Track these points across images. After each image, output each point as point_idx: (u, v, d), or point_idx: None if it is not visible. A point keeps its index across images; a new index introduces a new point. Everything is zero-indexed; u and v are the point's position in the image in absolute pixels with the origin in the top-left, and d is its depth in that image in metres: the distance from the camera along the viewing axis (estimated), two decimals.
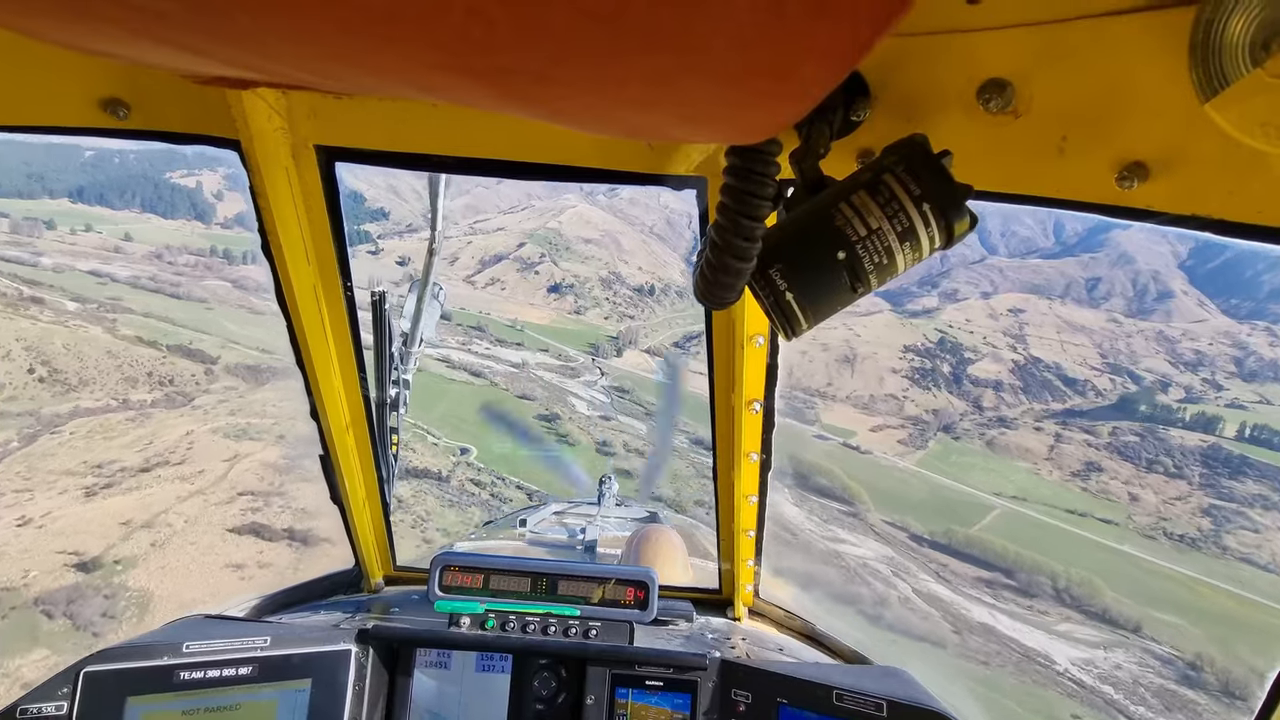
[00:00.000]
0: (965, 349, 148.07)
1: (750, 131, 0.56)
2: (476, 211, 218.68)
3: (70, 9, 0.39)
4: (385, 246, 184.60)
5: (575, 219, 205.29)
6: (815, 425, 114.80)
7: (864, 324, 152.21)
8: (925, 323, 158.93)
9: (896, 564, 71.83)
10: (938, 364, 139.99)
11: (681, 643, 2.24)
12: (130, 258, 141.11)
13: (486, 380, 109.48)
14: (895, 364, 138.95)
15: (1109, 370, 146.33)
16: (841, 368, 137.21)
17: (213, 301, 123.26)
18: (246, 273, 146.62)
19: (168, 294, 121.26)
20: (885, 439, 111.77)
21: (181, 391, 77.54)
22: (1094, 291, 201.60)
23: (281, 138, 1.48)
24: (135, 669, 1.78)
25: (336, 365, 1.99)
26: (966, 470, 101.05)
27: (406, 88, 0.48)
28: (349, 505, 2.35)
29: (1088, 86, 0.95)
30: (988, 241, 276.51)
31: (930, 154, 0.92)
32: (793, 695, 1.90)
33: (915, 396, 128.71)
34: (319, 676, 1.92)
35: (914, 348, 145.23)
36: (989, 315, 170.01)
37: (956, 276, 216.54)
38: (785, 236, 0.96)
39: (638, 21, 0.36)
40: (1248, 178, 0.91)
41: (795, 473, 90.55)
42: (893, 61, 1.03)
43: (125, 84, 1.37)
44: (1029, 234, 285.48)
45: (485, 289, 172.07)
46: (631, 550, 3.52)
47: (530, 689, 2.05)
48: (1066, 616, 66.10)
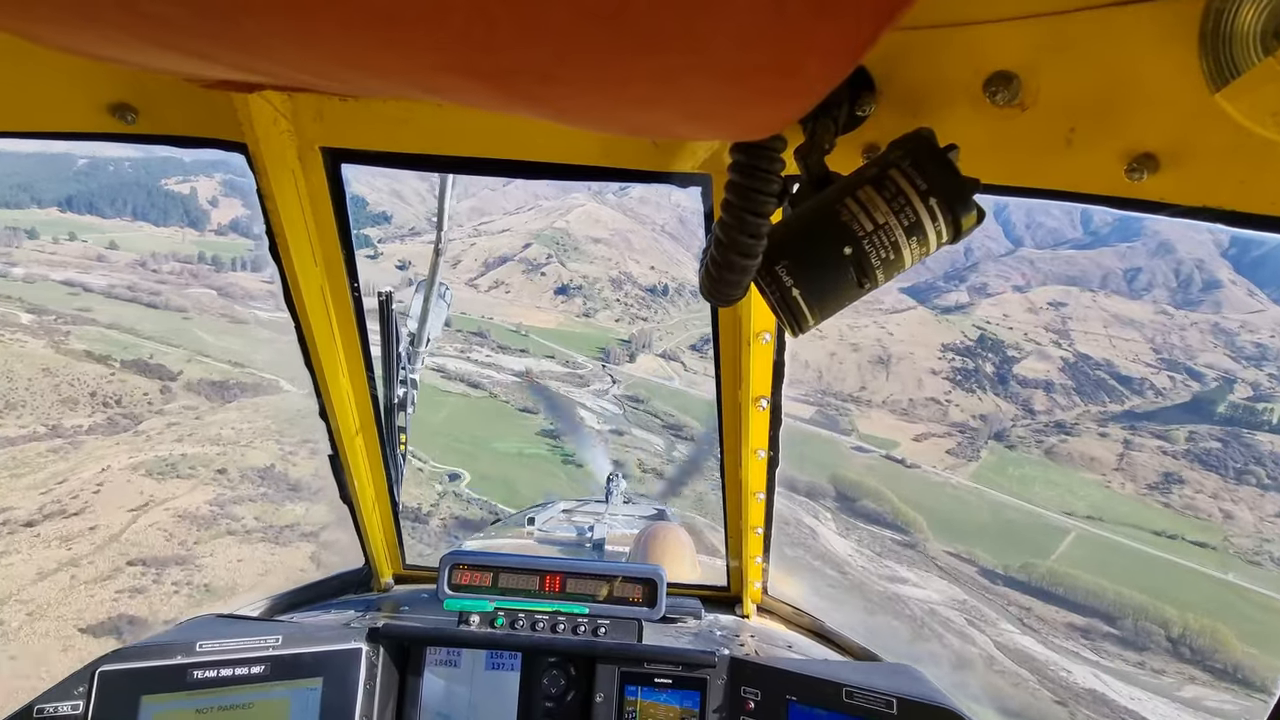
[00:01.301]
0: (1007, 346, 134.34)
1: (754, 128, 0.54)
2: (482, 214, 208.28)
3: (77, 15, 0.39)
4: (385, 250, 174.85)
5: (584, 218, 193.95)
6: (852, 435, 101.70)
7: (896, 321, 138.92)
8: (961, 319, 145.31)
9: (970, 610, 58.85)
10: (980, 363, 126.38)
11: (690, 640, 2.21)
12: (112, 266, 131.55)
13: (485, 391, 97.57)
14: (934, 364, 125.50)
15: (1165, 366, 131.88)
16: (875, 370, 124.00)
17: (192, 311, 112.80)
18: (234, 280, 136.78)
19: (143, 303, 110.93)
20: (932, 450, 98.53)
21: (128, 413, 66.31)
22: (1134, 283, 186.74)
23: (287, 140, 1.48)
24: (149, 668, 1.79)
25: (345, 366, 1.98)
26: (1028, 485, 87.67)
27: (411, 89, 0.48)
28: (358, 505, 2.31)
29: (1095, 78, 0.93)
30: (1012, 234, 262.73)
31: (936, 148, 0.91)
32: (802, 692, 1.88)
33: (959, 400, 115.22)
34: (330, 675, 1.92)
35: (953, 346, 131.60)
36: (1028, 309, 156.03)
37: (985, 270, 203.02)
38: (791, 233, 0.95)
39: (640, 20, 0.35)
40: (1260, 168, 0.89)
41: (838, 494, 77.68)
42: (898, 55, 1.01)
43: (132, 89, 1.37)
44: (1056, 225, 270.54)
45: (489, 292, 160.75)
46: (639, 548, 3.49)
47: (539, 687, 2.04)
48: (1190, 676, 52.88)
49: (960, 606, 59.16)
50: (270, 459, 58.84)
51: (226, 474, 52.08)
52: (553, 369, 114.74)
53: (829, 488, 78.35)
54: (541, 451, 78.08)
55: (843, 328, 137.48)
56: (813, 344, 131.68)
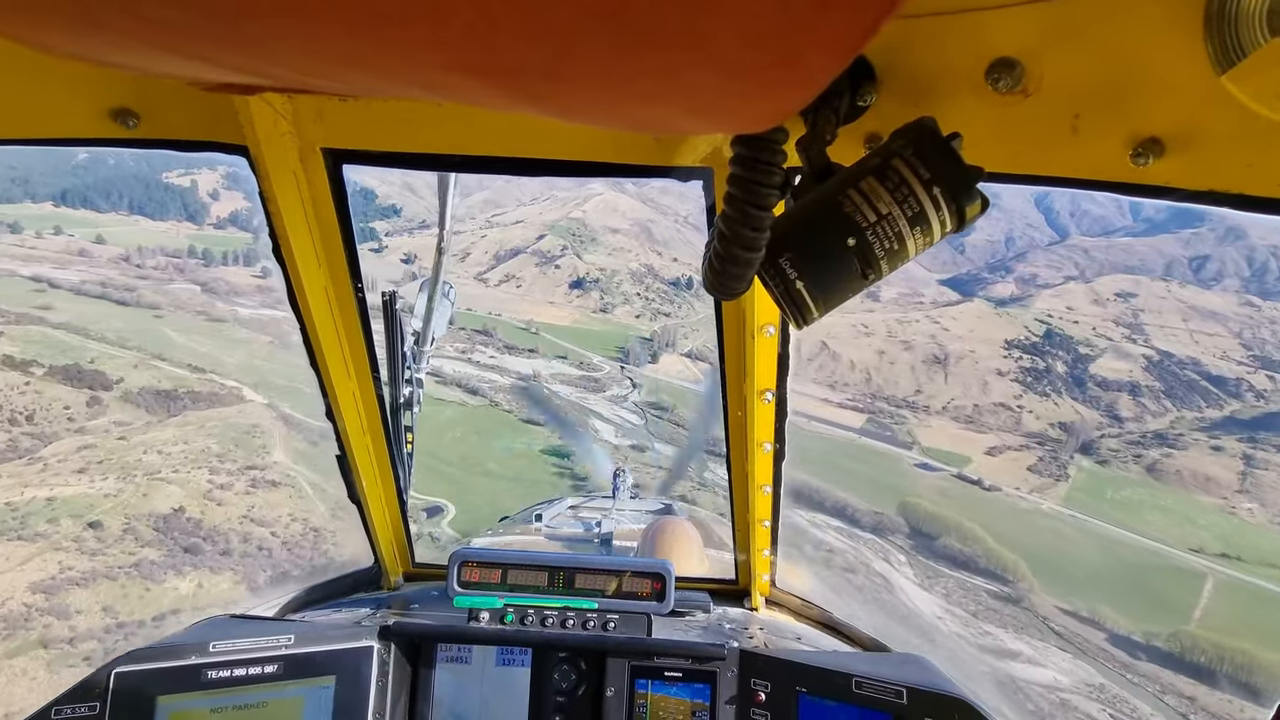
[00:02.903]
0: (1077, 343, 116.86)
1: (756, 120, 0.54)
2: (495, 206, 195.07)
3: (80, 22, 0.38)
4: (391, 244, 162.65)
5: (601, 207, 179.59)
6: (913, 449, 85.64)
7: (951, 316, 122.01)
8: (1021, 312, 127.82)
9: (1114, 700, 43.02)
10: (1051, 362, 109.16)
11: (699, 633, 2.22)
12: (93, 261, 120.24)
13: (485, 399, 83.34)
14: (999, 364, 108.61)
15: (1260, 365, 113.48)
16: (932, 371, 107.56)
17: (166, 308, 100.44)
18: (222, 275, 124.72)
19: (113, 300, 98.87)
20: (1009, 466, 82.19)
21: (38, 433, 53.20)
22: (1202, 272, 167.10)
23: (289, 142, 1.47)
24: (164, 669, 1.81)
25: (350, 366, 1.98)
26: (1134, 511, 71.11)
27: (412, 88, 0.48)
28: (367, 504, 2.30)
29: (1099, 62, 0.91)
30: (1056, 222, 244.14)
31: (939, 137, 0.89)
32: (812, 684, 1.89)
33: (1033, 405, 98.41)
34: (343, 673, 1.94)
35: (1017, 343, 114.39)
36: (1093, 301, 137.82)
37: (1034, 260, 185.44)
38: (794, 225, 0.93)
39: (642, 16, 0.35)
40: (1267, 150, 0.87)
41: (911, 529, 61.95)
42: (899, 44, 1.00)
43: (134, 94, 1.37)
44: (1103, 213, 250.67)
45: (498, 286, 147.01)
46: (647, 542, 3.47)
47: (550, 682, 2.07)
48: None
49: (1099, 694, 43.42)
50: (182, 499, 45.45)
51: (100, 531, 38.53)
52: (565, 371, 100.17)
53: (899, 521, 62.83)
54: (547, 476, 63.52)
55: (890, 323, 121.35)
56: (858, 341, 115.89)
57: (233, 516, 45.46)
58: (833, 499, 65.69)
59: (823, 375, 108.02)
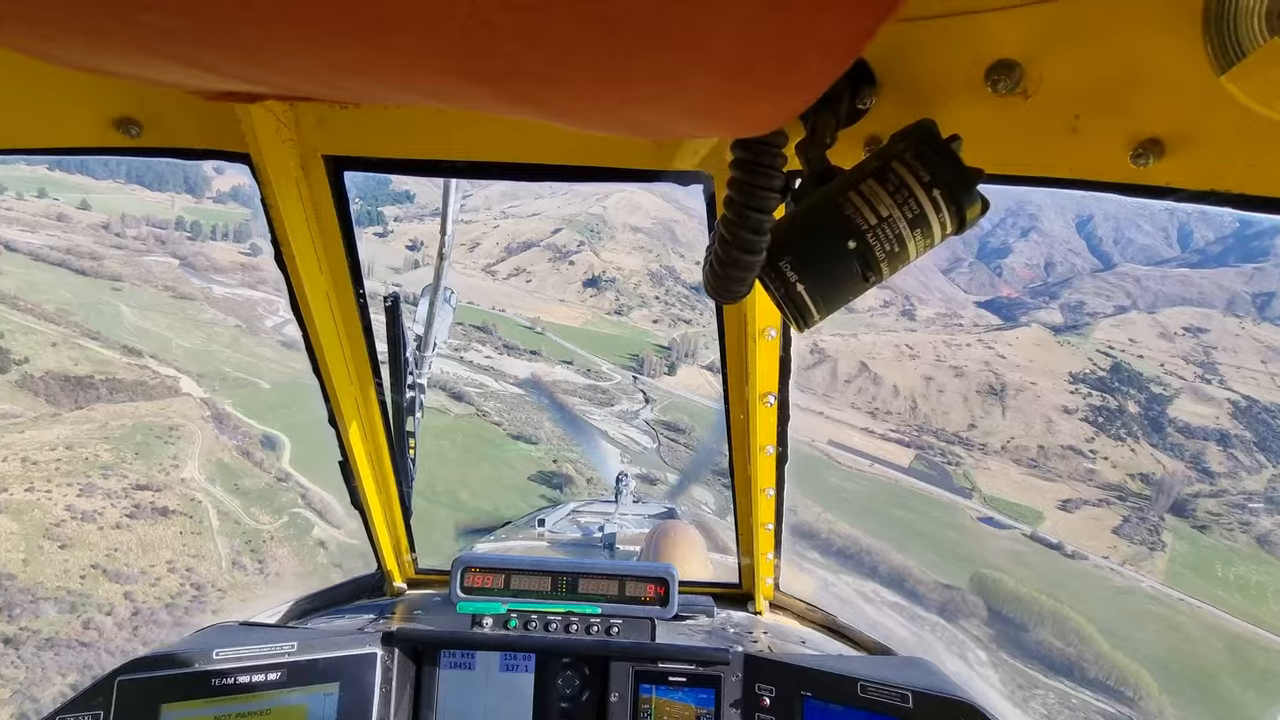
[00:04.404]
0: (1148, 380, 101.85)
1: (755, 124, 0.53)
2: (511, 197, 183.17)
3: (83, 32, 0.38)
4: (397, 230, 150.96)
5: (622, 204, 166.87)
6: (973, 496, 71.29)
7: (1008, 341, 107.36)
8: (1081, 341, 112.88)
9: None
10: (1122, 401, 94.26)
11: (703, 638, 2.20)
12: (69, 227, 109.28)
13: (472, 407, 70.27)
14: (1064, 399, 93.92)
15: None
16: (987, 402, 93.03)
17: (132, 281, 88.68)
18: (205, 250, 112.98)
19: (72, 268, 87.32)
20: (1090, 527, 67.70)
21: None
22: (1267, 310, 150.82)
23: (290, 149, 1.48)
24: (168, 676, 1.80)
25: (353, 371, 1.98)
26: (1258, 597, 56.45)
27: (412, 94, 0.47)
28: (369, 510, 2.30)
29: (1099, 63, 0.91)
30: (1099, 249, 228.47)
31: (939, 139, 0.89)
32: (817, 688, 1.87)
33: (1107, 451, 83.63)
34: (347, 679, 1.94)
35: (1084, 376, 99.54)
36: (1160, 334, 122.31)
37: (1080, 286, 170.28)
38: (794, 228, 0.93)
39: (639, 21, 0.35)
40: (1267, 150, 0.86)
41: (990, 611, 47.75)
42: (898, 47, 1.00)
43: (136, 103, 1.38)
44: (1149, 241, 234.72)
45: (507, 280, 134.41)
46: (650, 546, 3.43)
47: (554, 687, 2.05)
48: None
49: None
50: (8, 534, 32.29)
51: None
52: (568, 378, 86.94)
53: (975, 602, 48.73)
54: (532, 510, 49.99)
55: (939, 344, 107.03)
56: (902, 364, 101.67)
57: (74, 567, 32.47)
58: (888, 564, 51.90)
59: (863, 400, 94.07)
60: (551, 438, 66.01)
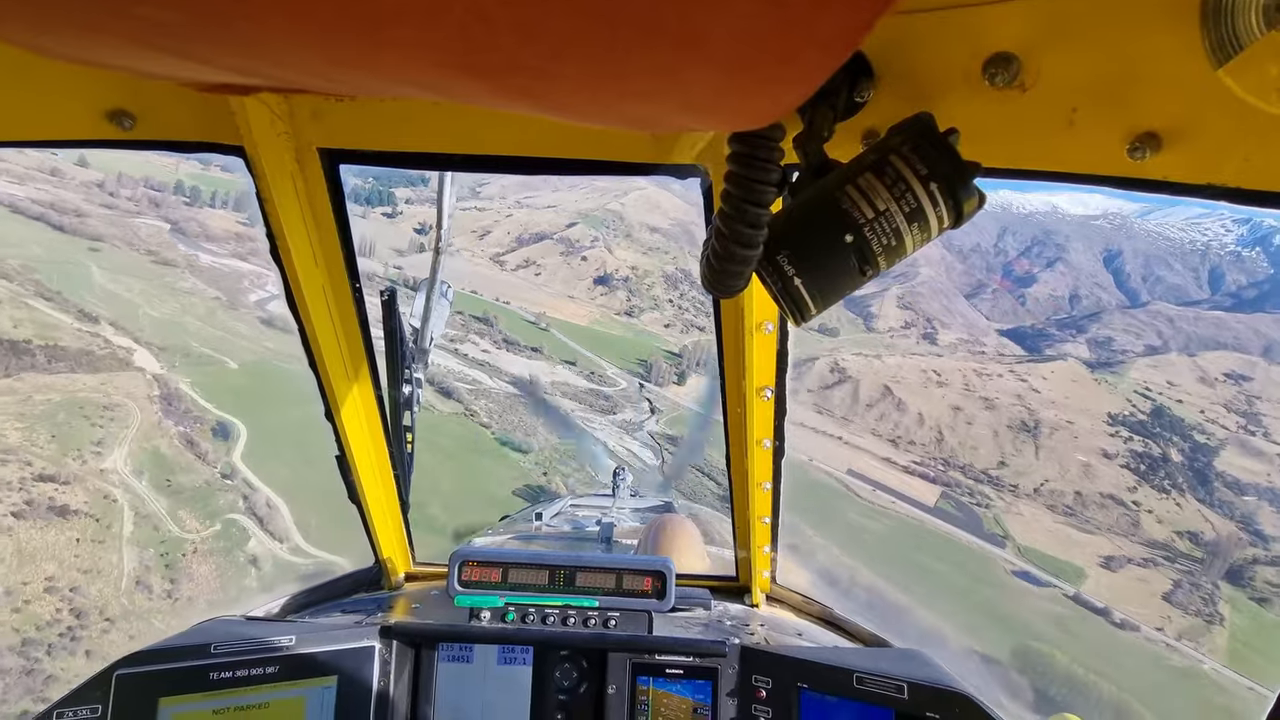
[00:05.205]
0: (1190, 428, 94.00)
1: (753, 117, 0.52)
2: (528, 188, 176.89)
3: (74, 24, 0.38)
4: (407, 212, 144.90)
5: (641, 202, 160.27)
6: (1006, 547, 63.86)
7: (1042, 375, 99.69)
8: (1118, 380, 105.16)
9: None
10: (1165, 448, 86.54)
11: (700, 630, 2.21)
12: (60, 182, 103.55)
13: (460, 405, 63.48)
14: (1103, 441, 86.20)
15: None
16: (1018, 439, 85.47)
17: (112, 242, 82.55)
18: (200, 216, 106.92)
19: (50, 223, 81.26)
20: (1137, 590, 60.16)
21: None
22: None
23: (285, 142, 1.48)
24: (166, 670, 1.81)
25: (349, 365, 1.98)
26: None
27: (408, 88, 0.47)
28: (367, 504, 2.29)
29: (1097, 56, 0.91)
30: (1125, 284, 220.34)
31: (936, 132, 0.89)
32: (813, 680, 1.89)
33: (1151, 503, 75.99)
34: (345, 673, 1.95)
35: (1124, 418, 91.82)
36: (1200, 379, 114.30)
37: (1109, 322, 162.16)
38: (791, 222, 0.93)
39: (638, 15, 0.34)
40: (1264, 144, 0.87)
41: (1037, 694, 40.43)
42: (896, 40, 1.00)
43: (129, 95, 1.37)
44: (1179, 281, 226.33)
45: (515, 271, 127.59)
46: (648, 540, 3.48)
47: (552, 680, 2.07)
48: None
49: None
50: None
51: None
52: (570, 381, 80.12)
53: (1019, 682, 41.39)
54: None
55: (968, 372, 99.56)
56: (929, 391, 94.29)
57: None
58: (916, 625, 44.79)
59: (885, 427, 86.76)
60: (544, 446, 59.24)
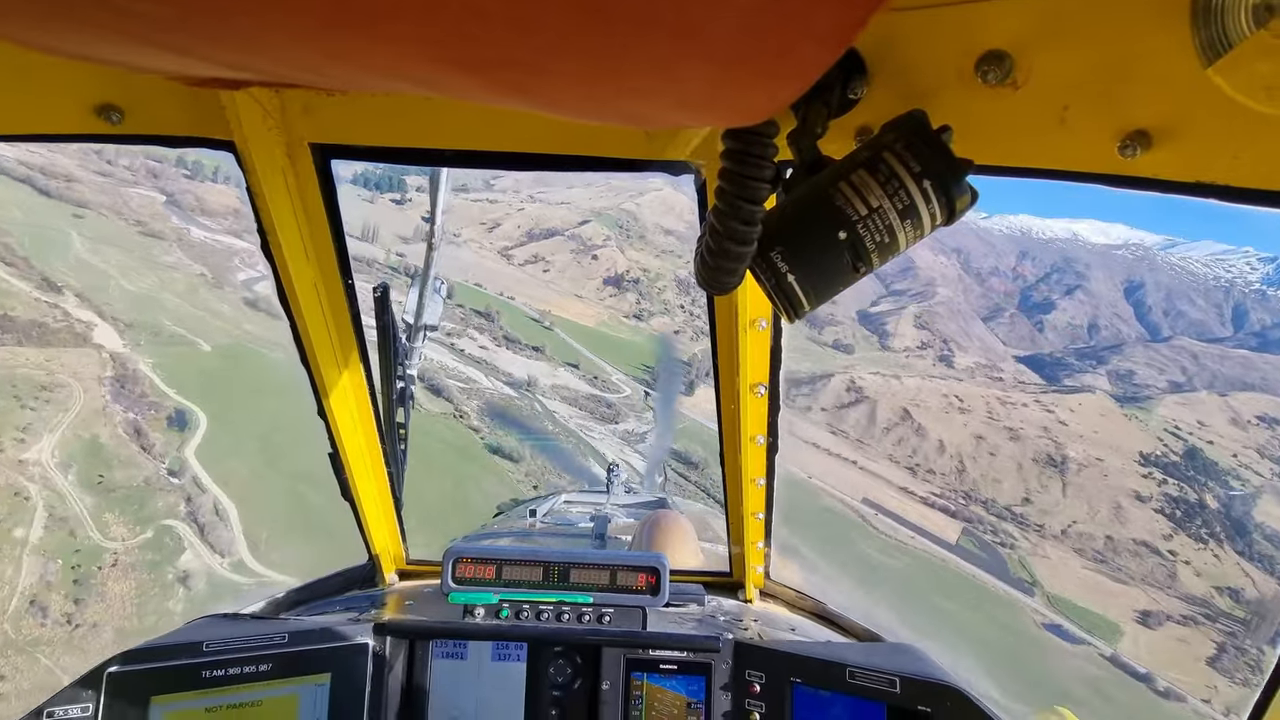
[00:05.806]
0: (1224, 472, 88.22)
1: (748, 113, 0.53)
2: (542, 183, 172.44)
3: (69, 19, 0.38)
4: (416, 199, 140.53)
5: (657, 203, 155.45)
6: (1035, 595, 58.31)
7: (1069, 407, 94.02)
8: (1147, 416, 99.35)
9: None
10: (1200, 493, 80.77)
11: (694, 626, 2.22)
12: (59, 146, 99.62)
13: (450, 405, 58.56)
14: (1135, 482, 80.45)
15: None
16: (1045, 474, 79.94)
17: (99, 210, 78.28)
18: (197, 190, 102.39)
19: (36, 186, 77.12)
20: (1178, 652, 54.55)
21: None
22: None
23: (276, 137, 1.46)
24: (158, 669, 1.79)
25: (341, 361, 1.96)
26: None
27: (401, 83, 0.46)
28: (360, 501, 2.29)
29: (1088, 55, 0.91)
30: (1146, 318, 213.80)
31: (929, 130, 0.89)
32: (806, 674, 1.90)
33: (1188, 553, 70.25)
34: (338, 670, 1.94)
35: (1156, 459, 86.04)
36: (1231, 420, 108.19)
37: (1131, 355, 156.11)
38: (785, 218, 0.93)
39: (634, 11, 0.34)
40: (1253, 142, 0.88)
41: None
42: (889, 37, 1.00)
43: (118, 89, 1.36)
44: (1201, 316, 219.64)
45: (523, 266, 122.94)
46: (642, 536, 3.49)
47: (546, 676, 2.07)
48: None
49: None
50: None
51: None
52: (571, 385, 75.08)
53: None
54: None
55: (991, 400, 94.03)
56: (950, 417, 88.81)
57: None
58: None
59: (903, 453, 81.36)
60: (536, 455, 54.23)
